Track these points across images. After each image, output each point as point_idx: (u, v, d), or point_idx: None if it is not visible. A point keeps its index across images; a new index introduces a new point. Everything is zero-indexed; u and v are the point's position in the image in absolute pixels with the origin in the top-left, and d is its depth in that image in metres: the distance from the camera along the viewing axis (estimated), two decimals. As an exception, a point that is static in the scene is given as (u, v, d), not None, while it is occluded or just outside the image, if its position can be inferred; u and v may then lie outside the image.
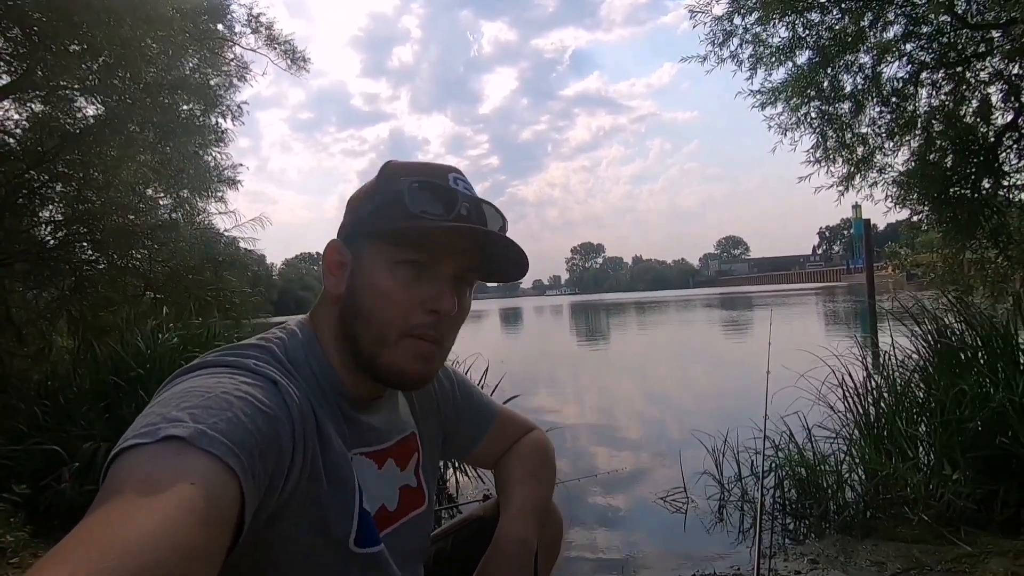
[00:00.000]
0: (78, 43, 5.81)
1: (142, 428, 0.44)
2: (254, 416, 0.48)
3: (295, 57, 9.96)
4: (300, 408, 0.55)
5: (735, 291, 58.06)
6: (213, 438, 0.43)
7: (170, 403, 0.47)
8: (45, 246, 5.73)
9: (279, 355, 0.59)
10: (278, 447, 0.50)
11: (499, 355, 9.65)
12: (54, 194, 6.00)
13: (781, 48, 4.00)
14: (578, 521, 2.53)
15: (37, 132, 5.34)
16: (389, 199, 0.62)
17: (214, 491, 0.41)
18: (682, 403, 5.30)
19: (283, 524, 0.54)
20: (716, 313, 19.93)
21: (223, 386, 0.50)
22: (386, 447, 0.69)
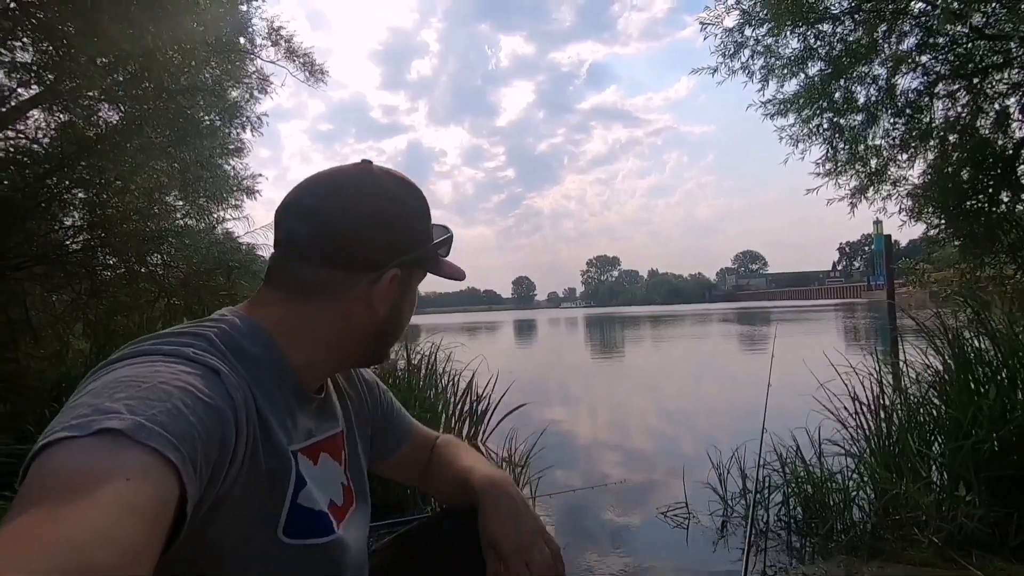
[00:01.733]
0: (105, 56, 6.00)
1: (72, 420, 0.41)
2: (195, 407, 0.47)
3: (313, 69, 10.17)
4: (244, 398, 0.54)
5: (753, 306, 57.33)
6: (152, 431, 0.41)
7: (103, 393, 0.45)
8: (66, 250, 5.88)
9: (217, 343, 0.57)
10: (220, 438, 0.49)
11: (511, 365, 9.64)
12: (75, 200, 6.16)
13: (792, 59, 3.97)
14: (578, 531, 2.49)
15: (60, 139, 5.51)
16: (423, 234, 0.70)
17: (152, 486, 0.39)
18: (692, 417, 5.22)
19: (223, 514, 0.53)
20: (732, 327, 19.67)
21: (161, 375, 0.48)
22: (318, 441, 0.68)
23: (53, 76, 6.31)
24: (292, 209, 0.65)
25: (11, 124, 6.62)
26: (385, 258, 0.65)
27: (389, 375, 3.45)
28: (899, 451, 2.38)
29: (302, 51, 9.87)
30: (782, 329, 15.63)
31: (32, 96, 6.63)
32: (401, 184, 0.69)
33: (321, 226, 0.63)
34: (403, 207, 0.68)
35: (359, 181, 0.66)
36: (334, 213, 0.63)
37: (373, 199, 0.65)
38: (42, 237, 5.26)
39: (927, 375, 2.60)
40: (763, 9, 3.90)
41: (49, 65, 6.31)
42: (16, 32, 6.26)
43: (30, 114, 6.83)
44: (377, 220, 0.65)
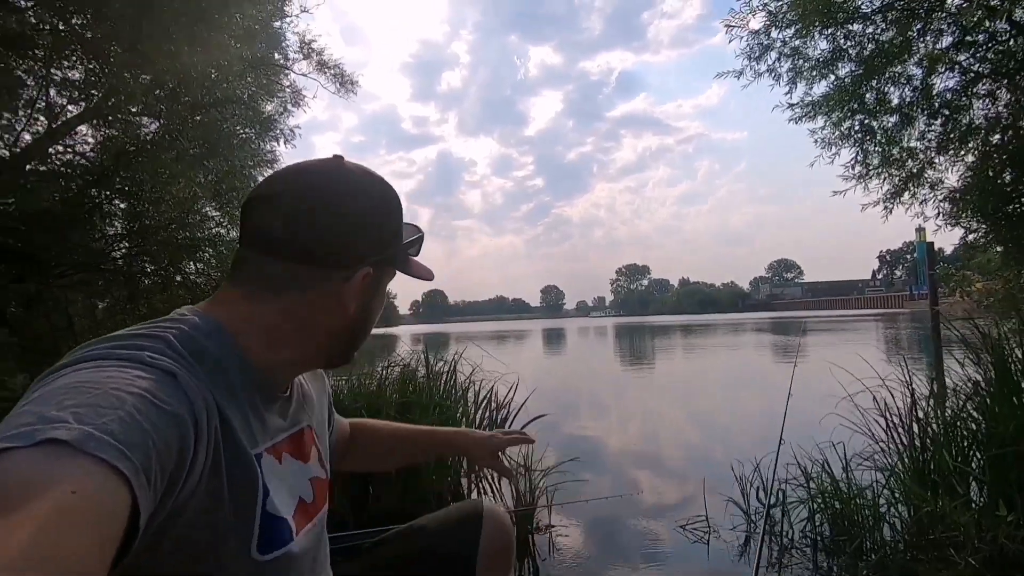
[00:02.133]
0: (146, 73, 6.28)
1: (15, 429, 0.39)
2: (149, 413, 0.44)
3: (343, 80, 10.41)
4: (205, 403, 0.52)
5: (788, 316, 55.77)
6: (101, 440, 0.39)
7: (50, 401, 0.42)
8: (107, 258, 6.13)
9: (176, 345, 0.54)
10: (177, 446, 0.46)
11: (537, 375, 9.57)
12: (117, 210, 6.44)
13: (821, 61, 3.86)
14: (593, 544, 2.44)
15: (101, 152, 5.77)
16: (393, 233, 0.68)
17: (100, 500, 0.37)
18: (717, 428, 5.08)
19: (180, 528, 0.50)
20: (765, 337, 19.16)
21: (113, 381, 0.45)
22: (279, 440, 0.66)
23: (99, 93, 6.64)
24: (261, 202, 0.62)
25: (61, 139, 6.98)
26: (357, 256, 0.63)
27: (408, 382, 3.47)
28: (934, 466, 2.26)
29: (333, 63, 10.13)
30: (818, 339, 15.15)
31: (80, 112, 6.99)
32: (374, 181, 0.67)
33: (292, 221, 0.60)
34: (375, 204, 0.65)
35: (332, 177, 0.63)
36: (306, 207, 0.61)
37: (346, 195, 0.63)
38: (83, 246, 5.49)
39: (966, 387, 2.47)
40: (790, 11, 3.81)
41: (96, 83, 6.64)
42: (67, 52, 6.62)
43: (77, 129, 7.19)
44: (349, 217, 0.62)
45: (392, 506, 2.62)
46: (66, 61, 6.31)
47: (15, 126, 6.54)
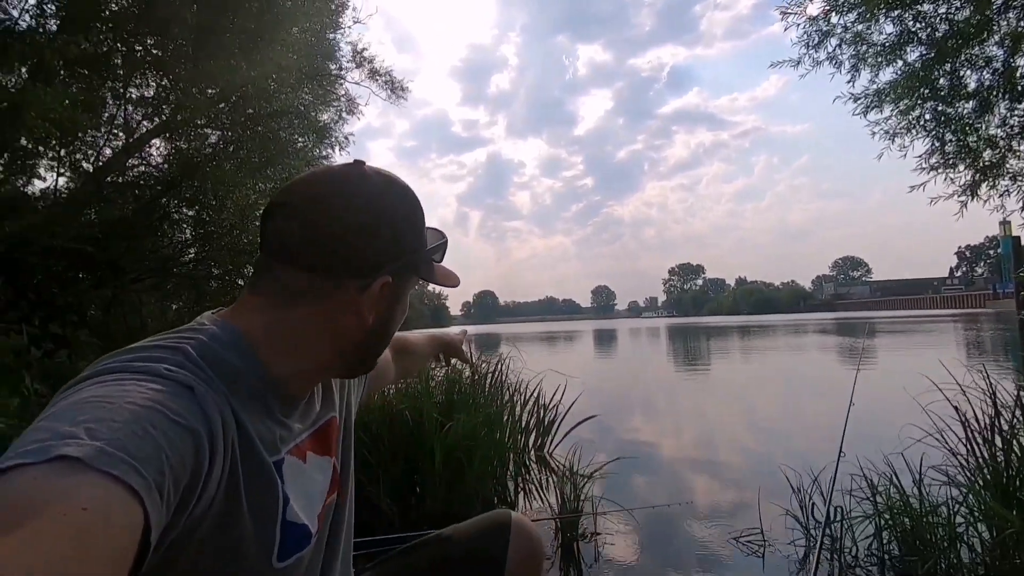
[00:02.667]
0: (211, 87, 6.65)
1: (29, 446, 0.39)
2: (164, 428, 0.44)
3: (394, 87, 10.66)
4: (221, 415, 0.51)
5: (854, 316, 52.79)
6: (113, 456, 0.39)
7: (64, 416, 0.42)
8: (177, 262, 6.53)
9: (194, 357, 0.53)
10: (192, 461, 0.46)
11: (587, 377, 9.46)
12: (185, 217, 6.84)
13: (887, 45, 3.61)
14: (642, 549, 2.37)
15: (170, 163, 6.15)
16: (417, 239, 0.67)
17: (112, 516, 0.37)
18: (773, 435, 4.85)
19: (196, 543, 0.50)
20: (829, 339, 18.20)
21: (129, 395, 0.45)
22: (304, 438, 0.66)
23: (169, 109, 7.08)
24: (277, 210, 0.61)
25: (136, 152, 7.49)
26: (375, 264, 0.62)
27: (455, 383, 3.49)
28: (1020, 483, 2.06)
29: (384, 70, 10.40)
30: (888, 342, 14.26)
31: (153, 127, 7.47)
32: (393, 186, 0.65)
33: (308, 229, 0.59)
34: (394, 211, 0.64)
35: (349, 182, 0.62)
36: (322, 215, 0.60)
37: (362, 202, 0.61)
38: (155, 252, 5.85)
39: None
40: (853, -6, 3.59)
41: (166, 99, 7.08)
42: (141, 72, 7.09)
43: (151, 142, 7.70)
44: (367, 224, 0.61)
45: (437, 509, 2.64)
46: (139, 80, 6.77)
47: (99, 142, 7.06)
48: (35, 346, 3.30)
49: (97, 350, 4.63)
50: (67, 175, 6.48)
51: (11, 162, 5.50)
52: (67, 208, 5.20)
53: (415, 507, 2.71)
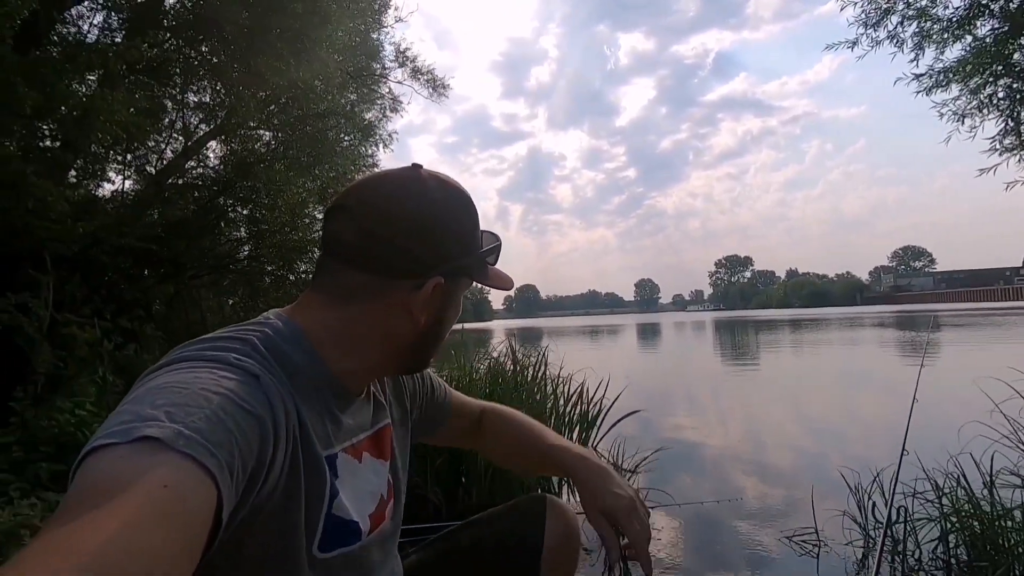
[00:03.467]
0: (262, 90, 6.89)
1: (115, 427, 0.42)
2: (234, 413, 0.47)
3: (436, 84, 10.78)
4: (284, 404, 0.54)
5: (916, 309, 50.02)
6: (190, 438, 0.42)
7: (145, 400, 0.45)
8: (233, 259, 6.83)
9: (260, 348, 0.57)
10: (258, 445, 0.49)
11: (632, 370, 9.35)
12: (240, 216, 7.14)
13: (955, 20, 3.39)
14: (691, 545, 2.33)
15: (225, 165, 6.43)
16: (473, 244, 0.69)
17: (189, 494, 0.39)
18: (832, 433, 4.66)
19: (260, 525, 0.53)
20: (889, 333, 17.31)
21: (202, 381, 0.48)
22: (360, 440, 0.68)
23: (224, 112, 7.39)
24: (337, 211, 0.64)
25: (194, 155, 7.86)
26: (427, 266, 0.63)
27: (498, 376, 3.51)
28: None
29: (426, 69, 10.53)
30: (954, 336, 13.46)
31: (209, 130, 7.82)
32: (447, 189, 0.67)
33: (364, 230, 0.62)
34: (448, 214, 0.65)
35: (405, 186, 0.64)
36: (377, 217, 0.62)
37: (417, 205, 0.63)
38: (212, 250, 6.14)
39: None
40: (916, -33, 3.39)
41: (221, 103, 7.39)
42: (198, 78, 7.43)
43: (208, 145, 8.06)
44: (420, 226, 0.63)
45: (482, 499, 2.67)
46: (195, 85, 7.09)
47: (160, 145, 7.45)
48: (107, 339, 3.52)
49: (162, 343, 4.91)
50: (133, 178, 6.87)
51: (84, 167, 5.86)
52: (133, 209, 5.51)
53: (461, 498, 2.75)
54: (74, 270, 3.83)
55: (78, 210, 4.21)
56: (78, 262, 3.94)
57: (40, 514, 1.98)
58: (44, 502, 2.08)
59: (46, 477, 2.29)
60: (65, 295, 3.63)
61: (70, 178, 5.44)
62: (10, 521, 1.89)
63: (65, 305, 3.59)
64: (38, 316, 3.23)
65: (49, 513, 2.04)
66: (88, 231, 3.92)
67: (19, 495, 2.09)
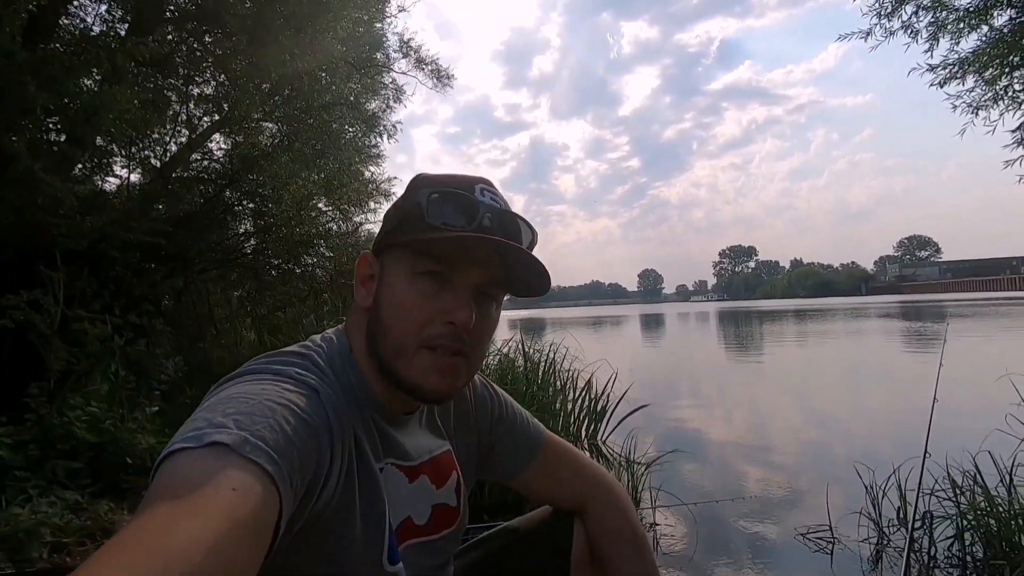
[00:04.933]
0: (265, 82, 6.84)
1: (189, 432, 0.45)
2: (296, 424, 0.49)
3: (440, 75, 10.69)
4: (340, 417, 0.56)
5: (922, 299, 49.80)
6: (256, 445, 0.44)
7: (216, 408, 0.48)
8: (239, 253, 6.83)
9: (320, 363, 0.60)
10: (316, 456, 0.51)
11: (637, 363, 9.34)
12: (246, 210, 7.13)
13: (971, 10, 3.33)
14: (703, 541, 2.33)
15: (230, 158, 6.40)
16: (411, 211, 0.62)
17: (254, 498, 0.41)
18: (842, 428, 4.66)
19: (315, 533, 0.54)
20: (894, 324, 17.25)
21: (267, 393, 0.51)
22: (418, 463, 0.68)
23: (228, 104, 7.34)
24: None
25: (198, 148, 7.83)
26: (372, 248, 0.68)
27: (508, 372, 3.51)
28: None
29: (429, 59, 10.44)
30: (961, 327, 13.39)
31: (213, 123, 7.79)
32: (414, 182, 0.67)
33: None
34: (399, 201, 0.67)
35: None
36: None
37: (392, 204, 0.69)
38: (219, 244, 6.13)
39: None
40: (932, -45, 3.32)
41: (225, 95, 7.35)
42: (201, 70, 7.37)
43: (213, 137, 8.02)
44: (384, 218, 0.68)
45: (494, 498, 2.67)
46: (199, 77, 7.05)
47: (165, 139, 7.42)
48: (117, 334, 3.53)
49: (171, 338, 4.92)
50: (139, 172, 6.85)
51: (90, 161, 5.85)
52: (140, 203, 5.50)
53: (474, 494, 2.76)
54: (83, 266, 3.83)
55: (86, 205, 4.21)
56: (87, 258, 3.94)
57: (60, 512, 2.00)
58: (62, 500, 2.10)
59: (62, 475, 2.31)
60: (75, 291, 3.63)
61: (76, 173, 5.43)
62: (30, 519, 1.90)
63: (75, 301, 3.59)
64: (50, 313, 3.24)
65: (68, 512, 2.05)
66: (96, 226, 3.92)
67: (37, 493, 2.11)
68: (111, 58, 3.17)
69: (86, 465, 2.38)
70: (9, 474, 2.19)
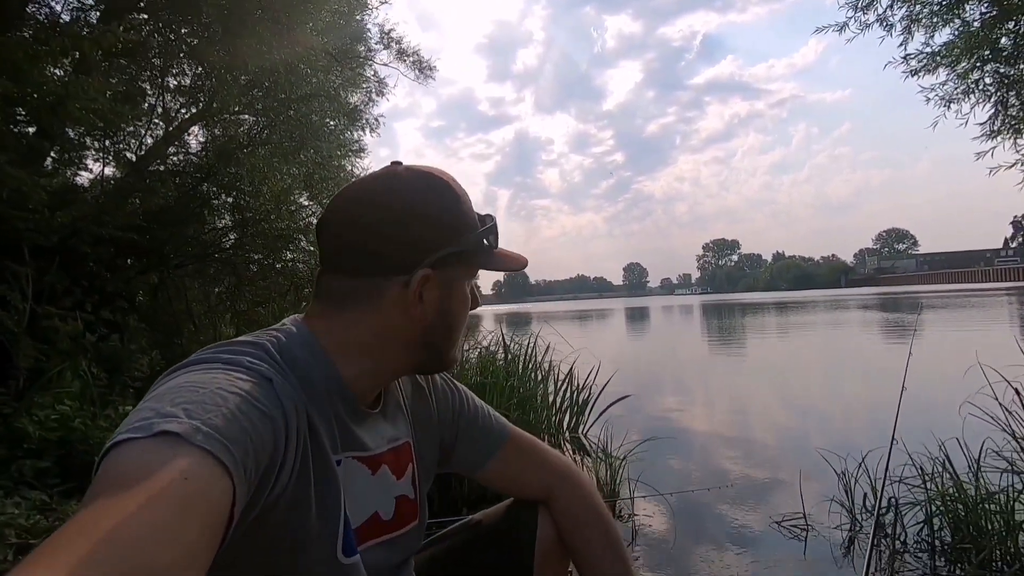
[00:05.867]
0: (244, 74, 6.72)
1: (136, 423, 0.43)
2: (248, 413, 0.48)
3: (422, 67, 10.58)
4: (295, 407, 0.55)
5: (899, 291, 50.83)
6: (208, 434, 0.43)
7: (164, 398, 0.47)
8: (218, 248, 6.72)
9: (273, 353, 0.58)
10: (271, 445, 0.50)
11: (621, 356, 9.40)
12: (225, 204, 7.01)
13: (944, 4, 3.38)
14: (680, 529, 2.36)
15: (208, 150, 6.29)
16: (479, 232, 0.67)
17: (207, 487, 0.41)
18: (817, 417, 4.74)
19: (269, 524, 0.53)
20: (872, 315, 17.59)
21: (217, 382, 0.50)
22: (379, 452, 0.68)
23: (205, 97, 7.20)
24: (322, 223, 0.65)
25: (175, 141, 7.68)
26: (411, 261, 0.62)
27: (489, 365, 3.50)
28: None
29: (411, 50, 10.32)
30: (936, 317, 13.70)
31: (190, 115, 7.63)
32: (425, 180, 0.65)
33: (339, 237, 0.63)
34: (424, 204, 0.63)
35: (374, 186, 0.64)
36: (351, 220, 0.63)
37: (387, 199, 0.63)
38: (196, 239, 6.03)
39: None
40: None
41: (201, 87, 7.20)
42: (177, 61, 7.21)
43: (191, 131, 7.87)
44: (393, 221, 0.62)
45: (473, 491, 2.66)
46: (175, 69, 6.90)
47: (140, 131, 7.26)
48: (89, 331, 3.46)
49: (146, 334, 4.83)
50: (112, 165, 6.70)
51: (61, 154, 5.70)
52: (113, 197, 5.38)
53: (453, 487, 2.76)
54: (53, 261, 3.74)
55: (56, 199, 4.10)
56: (57, 253, 3.85)
57: (26, 513, 1.95)
58: (28, 500, 2.05)
59: (30, 475, 2.26)
60: (45, 287, 3.55)
61: (46, 166, 5.29)
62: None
63: (45, 297, 3.51)
64: (17, 309, 3.15)
65: (35, 512, 2.01)
66: (67, 221, 3.82)
67: (2, 494, 2.06)
68: (77, 46, 3.08)
69: (54, 464, 2.33)
70: (-27, 474, 2.14)
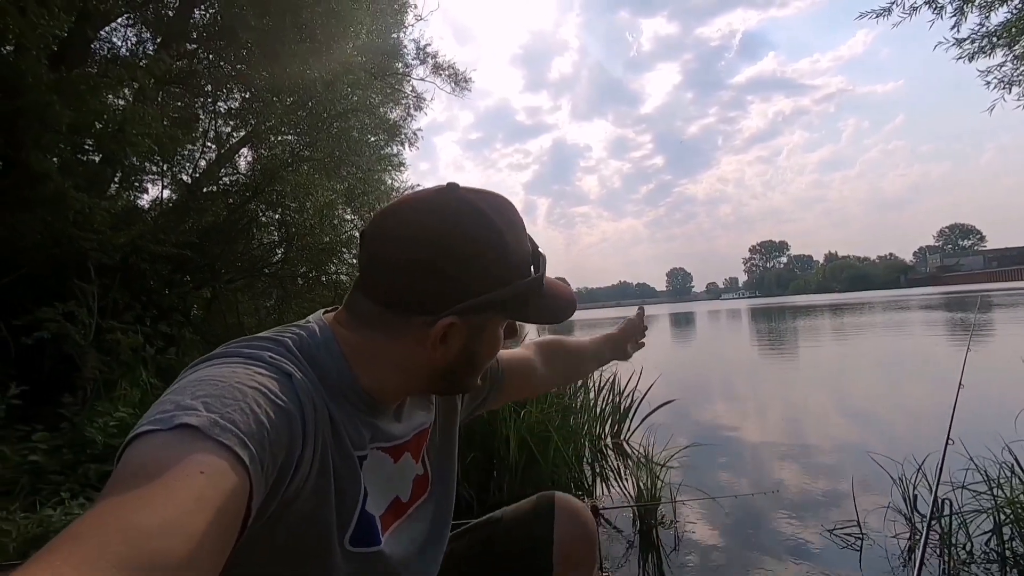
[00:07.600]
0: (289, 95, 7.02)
1: (156, 415, 0.44)
2: (266, 408, 0.48)
3: (458, 79, 10.78)
4: (313, 403, 0.55)
5: (966, 290, 47.76)
6: (225, 428, 0.43)
7: (185, 391, 0.47)
8: (267, 263, 7.01)
9: (293, 350, 0.58)
10: (288, 440, 0.50)
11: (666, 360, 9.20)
12: (272, 220, 7.31)
13: (999, -19, 3.19)
14: (726, 537, 2.28)
15: (255, 169, 6.59)
16: (520, 284, 0.63)
17: (224, 480, 0.41)
18: (876, 422, 4.49)
19: (287, 517, 0.54)
20: (936, 315, 16.57)
21: (237, 376, 0.50)
22: (403, 441, 0.69)
23: (253, 119, 7.56)
24: (362, 238, 0.63)
25: (226, 163, 8.08)
26: (438, 304, 0.59)
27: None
28: None
29: (447, 64, 10.54)
30: (1008, 316, 12.78)
31: (241, 137, 8.02)
32: (471, 216, 0.60)
33: (373, 262, 0.61)
34: (463, 248, 0.59)
35: (418, 213, 0.60)
36: (385, 250, 0.60)
37: (425, 236, 0.58)
38: (246, 255, 6.30)
39: None
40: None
41: (250, 110, 7.56)
42: (227, 87, 7.61)
43: (240, 152, 8.26)
44: (424, 262, 0.58)
45: (513, 495, 2.67)
46: (224, 93, 7.27)
47: (194, 155, 7.68)
48: (148, 344, 3.66)
49: (200, 347, 5.07)
50: (170, 187, 7.10)
51: (123, 178, 6.08)
52: (170, 217, 5.70)
53: (492, 492, 2.76)
54: (116, 278, 3.99)
55: (118, 220, 4.38)
56: (119, 270, 4.10)
57: (89, 513, 2.07)
58: (91, 502, 2.18)
59: (95, 478, 2.40)
60: (108, 303, 3.78)
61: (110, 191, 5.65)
62: (62, 521, 1.98)
63: (108, 312, 3.74)
64: (84, 324, 3.37)
65: (97, 512, 2.13)
66: (128, 240, 4.07)
67: (69, 496, 2.20)
68: (132, 74, 3.29)
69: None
70: (44, 478, 2.29)
